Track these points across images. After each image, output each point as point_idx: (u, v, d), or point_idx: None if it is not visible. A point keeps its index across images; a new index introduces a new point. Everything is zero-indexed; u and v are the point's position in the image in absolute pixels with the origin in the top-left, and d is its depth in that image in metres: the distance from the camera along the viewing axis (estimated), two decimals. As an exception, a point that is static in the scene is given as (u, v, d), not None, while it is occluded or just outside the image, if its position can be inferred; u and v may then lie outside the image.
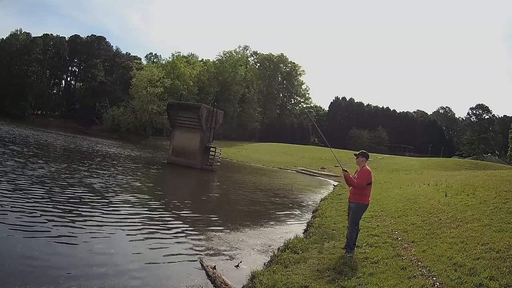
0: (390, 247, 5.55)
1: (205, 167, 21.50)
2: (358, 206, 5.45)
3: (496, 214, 6.47)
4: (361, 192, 5.45)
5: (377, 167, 34.56)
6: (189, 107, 23.58)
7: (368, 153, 5.85)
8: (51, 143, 24.29)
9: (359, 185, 5.44)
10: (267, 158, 41.02)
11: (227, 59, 67.11)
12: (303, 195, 16.47)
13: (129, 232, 6.48)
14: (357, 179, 5.46)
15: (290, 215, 10.79)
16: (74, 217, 6.77)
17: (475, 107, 70.87)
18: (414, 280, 4.02)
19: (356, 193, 5.49)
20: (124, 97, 56.69)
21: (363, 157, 5.67)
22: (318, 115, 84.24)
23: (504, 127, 68.51)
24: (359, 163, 5.67)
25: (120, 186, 11.31)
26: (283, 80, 78.47)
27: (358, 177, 5.47)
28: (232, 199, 12.99)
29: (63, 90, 74.66)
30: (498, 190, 8.93)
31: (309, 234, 7.15)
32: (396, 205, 9.62)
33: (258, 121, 70.77)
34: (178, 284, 4.51)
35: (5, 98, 56.26)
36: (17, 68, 60.75)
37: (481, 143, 66.51)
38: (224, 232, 7.42)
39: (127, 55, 77.74)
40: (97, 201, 8.61)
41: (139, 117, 53.20)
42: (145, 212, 8.38)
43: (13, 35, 62.16)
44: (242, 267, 5.28)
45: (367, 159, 5.68)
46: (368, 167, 5.58)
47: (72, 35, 71.63)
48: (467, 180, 13.08)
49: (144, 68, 56.98)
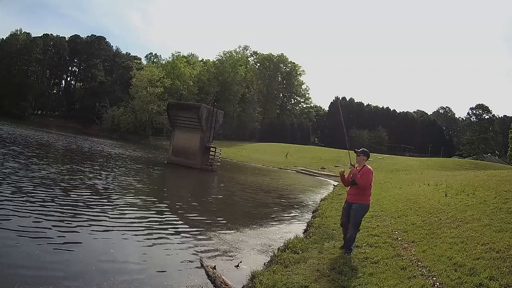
0: (390, 247, 5.55)
1: (205, 167, 21.50)
2: (361, 207, 5.35)
3: (496, 214, 6.47)
4: (363, 192, 5.35)
5: (377, 167, 34.54)
6: (189, 107, 23.59)
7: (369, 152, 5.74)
8: (52, 144, 24.26)
9: (364, 185, 5.30)
10: (267, 158, 41.03)
11: (227, 59, 67.14)
12: (303, 195, 16.47)
13: (128, 232, 6.47)
14: (363, 179, 5.29)
15: (290, 215, 10.79)
16: (73, 217, 6.76)
17: (475, 107, 70.93)
18: (414, 280, 4.02)
19: (358, 193, 5.36)
20: (124, 97, 56.68)
21: (364, 155, 5.52)
22: (318, 115, 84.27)
23: (504, 127, 68.48)
24: (359, 162, 5.52)
25: (120, 186, 11.30)
26: (283, 80, 78.58)
27: (363, 177, 5.29)
28: (232, 199, 12.99)
29: (63, 90, 74.68)
30: (498, 190, 8.93)
31: (309, 234, 7.15)
32: (396, 205, 9.62)
33: (258, 121, 70.76)
34: (178, 284, 4.51)
35: (5, 98, 56.25)
36: (17, 68, 60.72)
37: (481, 143, 66.48)
38: (224, 232, 7.41)
39: (127, 55, 77.74)
40: (97, 201, 8.60)
41: (139, 117, 53.21)
42: (145, 212, 8.38)
43: (13, 35, 62.18)
44: (242, 267, 5.28)
45: (368, 158, 5.56)
46: (369, 166, 5.49)
47: (72, 35, 71.76)
48: (467, 180, 13.08)
49: (144, 68, 57.02)
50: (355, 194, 5.40)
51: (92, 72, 68.95)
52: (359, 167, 5.51)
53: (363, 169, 5.39)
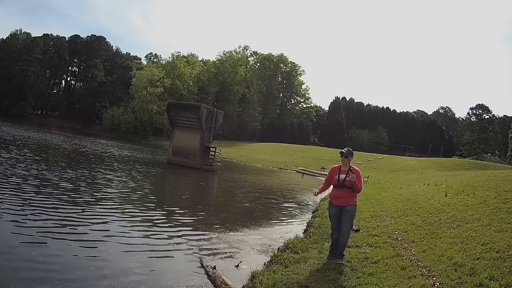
0: (390, 247, 5.55)
1: (205, 167, 21.50)
2: (355, 208, 5.21)
3: (496, 214, 6.47)
4: (355, 194, 5.16)
5: (377, 167, 34.60)
6: (189, 107, 23.60)
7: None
8: (61, 146, 24.13)
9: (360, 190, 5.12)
10: (267, 158, 41.04)
11: (227, 59, 67.16)
12: (303, 195, 16.46)
13: (128, 232, 6.48)
14: (360, 184, 5.10)
15: (290, 215, 10.79)
16: (72, 217, 6.76)
17: (475, 107, 70.85)
18: (414, 280, 4.01)
19: (350, 195, 5.09)
20: (124, 97, 56.71)
21: (352, 156, 5.25)
22: (318, 115, 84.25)
23: (504, 127, 68.51)
24: (346, 164, 5.15)
25: (120, 186, 11.31)
26: (283, 80, 78.55)
27: (359, 181, 5.08)
28: (232, 199, 12.98)
29: (63, 90, 74.75)
30: (498, 190, 8.93)
31: (309, 234, 7.14)
32: (396, 205, 9.62)
33: (258, 121, 70.77)
34: (178, 284, 4.51)
35: (5, 98, 56.29)
36: (17, 68, 60.76)
37: (481, 143, 66.44)
38: (224, 232, 7.41)
39: (127, 55, 77.78)
40: (96, 201, 8.61)
41: (139, 117, 53.20)
42: (145, 212, 8.37)
43: (13, 35, 62.21)
44: (242, 267, 5.28)
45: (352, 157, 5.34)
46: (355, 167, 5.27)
47: (72, 35, 71.91)
48: (467, 180, 13.08)
49: (144, 68, 57.01)
50: (346, 197, 5.10)
51: (92, 72, 68.99)
52: (344, 168, 5.15)
53: (356, 172, 5.07)
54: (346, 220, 5.08)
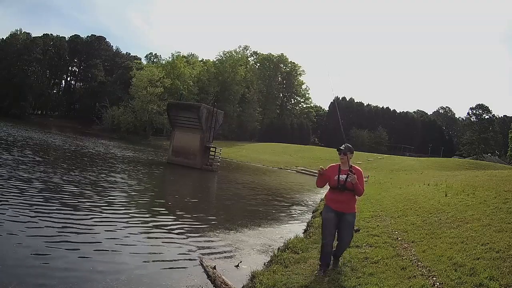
0: (390, 247, 5.54)
1: (205, 167, 21.50)
2: (355, 217, 4.66)
3: (496, 214, 6.46)
4: (356, 198, 4.57)
5: (377, 167, 34.58)
6: (189, 107, 23.59)
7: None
8: (62, 146, 24.18)
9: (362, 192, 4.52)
10: (267, 158, 41.03)
11: (227, 59, 67.16)
12: (303, 195, 16.47)
13: (128, 232, 6.47)
14: (361, 184, 4.42)
15: (290, 215, 10.79)
16: (72, 217, 6.76)
17: (475, 107, 70.86)
18: (414, 280, 4.01)
19: (352, 200, 4.50)
20: (124, 97, 56.67)
21: (351, 153, 4.55)
22: (318, 115, 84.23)
23: (504, 127, 68.49)
24: (346, 163, 4.47)
25: (120, 186, 11.31)
26: (283, 80, 78.51)
27: (361, 182, 4.43)
28: (232, 199, 12.98)
29: (63, 90, 74.71)
30: (498, 190, 8.92)
31: (309, 234, 7.14)
32: (396, 205, 9.61)
33: (258, 121, 70.76)
34: (178, 284, 4.51)
35: (5, 98, 56.23)
36: (17, 68, 60.67)
37: (481, 143, 66.44)
38: (224, 232, 7.41)
39: (127, 55, 77.77)
40: (96, 201, 8.61)
41: (139, 117, 53.19)
42: (145, 212, 8.37)
43: (13, 35, 62.12)
44: (242, 267, 5.28)
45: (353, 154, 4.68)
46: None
47: (72, 35, 71.89)
48: (467, 180, 13.07)
49: (144, 68, 57.01)
50: (348, 202, 4.46)
51: (92, 72, 68.98)
52: (344, 167, 4.50)
53: (357, 172, 4.41)
54: (349, 229, 4.55)
